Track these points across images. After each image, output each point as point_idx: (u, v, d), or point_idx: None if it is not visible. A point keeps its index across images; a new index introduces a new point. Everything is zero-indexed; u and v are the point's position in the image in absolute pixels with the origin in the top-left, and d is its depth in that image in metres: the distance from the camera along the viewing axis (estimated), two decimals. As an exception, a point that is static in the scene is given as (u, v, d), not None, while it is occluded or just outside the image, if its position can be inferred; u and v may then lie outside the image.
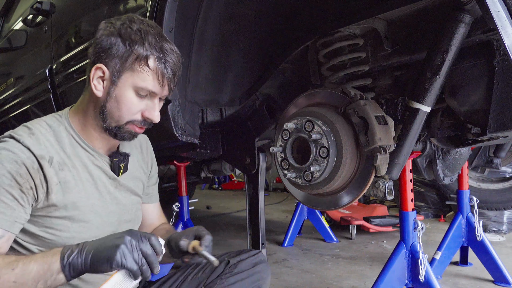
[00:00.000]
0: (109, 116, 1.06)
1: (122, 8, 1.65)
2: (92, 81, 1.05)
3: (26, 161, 0.98)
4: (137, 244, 0.90)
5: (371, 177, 1.23)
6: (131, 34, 1.02)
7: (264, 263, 1.29)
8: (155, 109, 1.08)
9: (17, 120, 2.61)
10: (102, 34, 1.04)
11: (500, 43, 1.14)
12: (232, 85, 1.62)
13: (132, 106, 1.05)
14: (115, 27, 1.03)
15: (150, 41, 1.02)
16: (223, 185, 7.76)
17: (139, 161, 1.28)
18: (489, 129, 1.18)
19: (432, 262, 2.27)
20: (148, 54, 1.02)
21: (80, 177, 1.07)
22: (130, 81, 1.03)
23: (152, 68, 1.03)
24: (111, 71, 1.04)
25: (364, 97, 1.27)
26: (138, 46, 1.01)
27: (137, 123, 1.08)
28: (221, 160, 2.57)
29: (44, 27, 2.22)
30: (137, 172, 1.25)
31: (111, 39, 1.02)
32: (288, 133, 1.33)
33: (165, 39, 1.06)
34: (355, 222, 3.45)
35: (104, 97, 1.05)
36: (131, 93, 1.04)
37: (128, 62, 1.02)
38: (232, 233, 3.92)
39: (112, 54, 1.02)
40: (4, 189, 0.95)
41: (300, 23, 1.38)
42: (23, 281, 0.83)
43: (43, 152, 1.01)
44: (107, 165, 1.14)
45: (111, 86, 1.04)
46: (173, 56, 1.06)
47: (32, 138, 1.02)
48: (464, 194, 2.40)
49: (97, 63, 1.04)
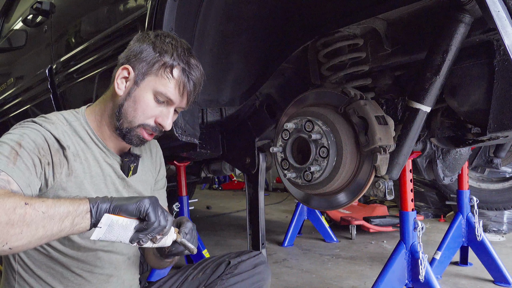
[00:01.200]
0: (123, 115, 1.09)
1: (122, 8, 1.65)
2: (116, 80, 1.10)
3: (49, 140, 1.03)
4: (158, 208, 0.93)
5: (371, 177, 1.23)
6: (162, 44, 1.08)
7: (265, 264, 1.29)
8: (168, 117, 1.11)
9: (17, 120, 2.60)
10: (136, 41, 1.11)
11: (500, 43, 1.14)
12: (232, 85, 1.62)
13: (147, 109, 1.09)
14: (149, 36, 1.10)
15: (179, 53, 1.08)
16: (223, 185, 7.77)
17: (148, 165, 1.28)
18: (489, 129, 1.18)
19: (432, 262, 2.28)
20: (175, 64, 1.07)
21: (90, 170, 1.10)
22: (152, 84, 1.08)
23: (175, 77, 1.08)
24: (137, 73, 1.08)
25: (364, 97, 1.27)
26: (167, 55, 1.07)
27: (148, 128, 1.11)
28: (221, 160, 2.57)
29: (44, 27, 2.22)
30: (146, 175, 1.26)
31: (143, 46, 1.09)
32: (288, 133, 1.32)
33: (193, 56, 1.12)
34: (355, 222, 3.45)
35: (124, 96, 1.09)
36: (150, 96, 1.08)
37: (155, 67, 1.07)
38: (232, 233, 3.92)
39: (141, 58, 1.08)
40: (27, 152, 0.97)
41: (300, 23, 1.38)
42: (52, 213, 0.82)
43: (62, 138, 1.06)
44: (118, 165, 1.17)
45: (133, 87, 1.09)
46: (198, 71, 1.11)
47: (51, 125, 1.06)
48: (464, 194, 2.40)
49: (125, 64, 1.10)
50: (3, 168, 0.90)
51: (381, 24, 1.31)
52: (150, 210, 0.88)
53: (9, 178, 0.90)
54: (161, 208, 0.92)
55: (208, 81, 1.58)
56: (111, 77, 1.14)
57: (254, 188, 1.85)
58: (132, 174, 1.19)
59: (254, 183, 1.85)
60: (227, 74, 1.59)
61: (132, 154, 1.19)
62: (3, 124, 2.77)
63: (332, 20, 1.27)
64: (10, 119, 2.67)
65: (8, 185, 0.90)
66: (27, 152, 0.97)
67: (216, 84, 1.60)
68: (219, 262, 1.27)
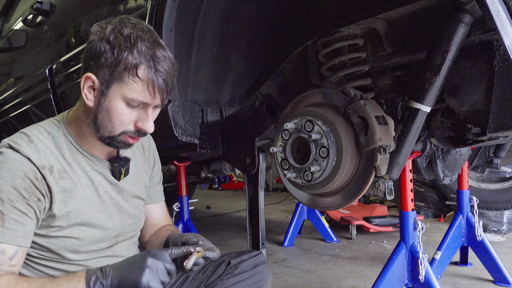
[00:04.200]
0: (101, 126, 1.02)
1: (122, 8, 1.65)
2: (83, 91, 1.01)
3: (29, 173, 0.96)
4: (160, 266, 0.94)
5: (371, 177, 1.23)
6: (120, 41, 0.96)
7: (265, 264, 1.29)
8: (148, 119, 1.03)
9: (17, 120, 2.61)
10: (92, 39, 0.99)
11: (500, 43, 1.14)
12: (232, 85, 1.62)
13: (123, 118, 1.01)
14: (105, 32, 0.97)
15: (140, 48, 0.96)
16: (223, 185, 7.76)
17: (141, 162, 1.26)
18: (489, 129, 1.18)
19: (432, 262, 2.27)
20: (137, 63, 0.96)
21: (81, 183, 1.06)
22: (120, 92, 0.98)
23: (142, 78, 0.97)
24: (101, 80, 0.99)
25: (364, 97, 1.27)
26: (127, 54, 0.95)
27: (131, 133, 1.04)
28: (221, 160, 2.57)
29: (44, 27, 2.22)
30: (138, 174, 1.24)
31: (100, 46, 0.97)
32: (288, 133, 1.32)
33: (158, 45, 0.99)
34: (355, 222, 3.45)
35: (95, 107, 1.01)
36: (121, 104, 0.99)
37: (117, 72, 0.97)
38: (232, 233, 3.92)
39: (101, 63, 0.97)
40: (11, 205, 0.94)
41: (300, 23, 1.38)
42: None
43: (43, 161, 0.99)
44: (108, 170, 1.13)
45: (101, 97, 1.00)
46: (166, 64, 0.99)
47: (31, 146, 0.99)
48: (464, 194, 2.40)
49: (87, 71, 1.00)
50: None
51: (381, 24, 1.31)
52: (152, 284, 0.90)
53: (2, 245, 0.92)
54: (162, 258, 0.94)
55: (208, 81, 1.58)
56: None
57: (254, 188, 1.85)
58: (124, 176, 1.16)
59: (254, 183, 1.85)
60: (227, 74, 1.60)
61: (121, 158, 1.14)
62: (3, 124, 2.77)
63: (332, 20, 1.27)
64: (10, 119, 2.67)
65: (3, 255, 0.92)
66: (11, 204, 0.93)
67: (216, 84, 1.60)
68: (219, 262, 1.26)
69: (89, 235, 1.07)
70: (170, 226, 1.37)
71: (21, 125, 2.59)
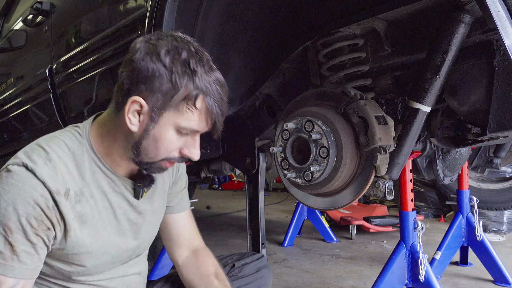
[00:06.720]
0: (143, 152, 0.94)
1: (122, 8, 1.65)
2: (127, 115, 0.90)
3: (40, 201, 0.87)
4: None
5: (371, 177, 1.23)
6: (178, 66, 0.86)
7: (267, 268, 1.30)
8: (195, 146, 0.97)
9: (17, 120, 2.61)
10: (140, 58, 0.87)
11: (500, 43, 1.14)
12: (232, 85, 1.62)
13: (170, 145, 0.94)
14: (158, 51, 0.87)
15: (200, 75, 0.88)
16: (223, 185, 7.76)
17: (164, 176, 1.16)
18: (489, 129, 1.18)
19: (432, 262, 2.28)
20: (198, 93, 0.88)
21: (97, 206, 0.98)
22: (173, 120, 0.90)
23: (199, 108, 0.90)
24: (151, 107, 0.89)
25: (364, 97, 1.27)
26: (187, 82, 0.87)
27: (173, 160, 0.97)
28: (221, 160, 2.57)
29: (44, 27, 2.22)
30: (161, 186, 1.16)
31: (154, 68, 0.86)
32: (288, 133, 1.32)
33: (214, 70, 0.92)
34: (355, 222, 3.45)
35: (140, 133, 0.92)
36: (172, 132, 0.92)
37: (174, 101, 0.88)
38: (232, 233, 3.92)
39: (154, 88, 0.87)
40: (20, 235, 0.86)
41: (300, 23, 1.38)
42: None
43: (59, 185, 0.90)
44: (129, 190, 1.04)
45: (149, 123, 0.91)
46: (223, 91, 0.93)
47: (48, 166, 0.89)
48: (464, 194, 2.40)
49: (134, 93, 0.89)
50: (1, 271, 0.84)
51: (381, 24, 1.31)
52: None
53: (11, 280, 0.85)
54: None
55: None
56: (111, 77, 1.12)
57: (254, 188, 1.85)
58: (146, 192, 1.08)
59: (254, 183, 1.85)
60: (227, 74, 1.59)
61: (145, 177, 1.03)
62: (3, 124, 2.77)
63: (332, 20, 1.27)
64: (10, 119, 2.67)
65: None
66: (21, 235, 0.86)
67: (216, 84, 1.59)
68: (222, 264, 1.26)
69: (102, 261, 1.02)
70: (210, 258, 1.23)
71: (21, 125, 2.60)
